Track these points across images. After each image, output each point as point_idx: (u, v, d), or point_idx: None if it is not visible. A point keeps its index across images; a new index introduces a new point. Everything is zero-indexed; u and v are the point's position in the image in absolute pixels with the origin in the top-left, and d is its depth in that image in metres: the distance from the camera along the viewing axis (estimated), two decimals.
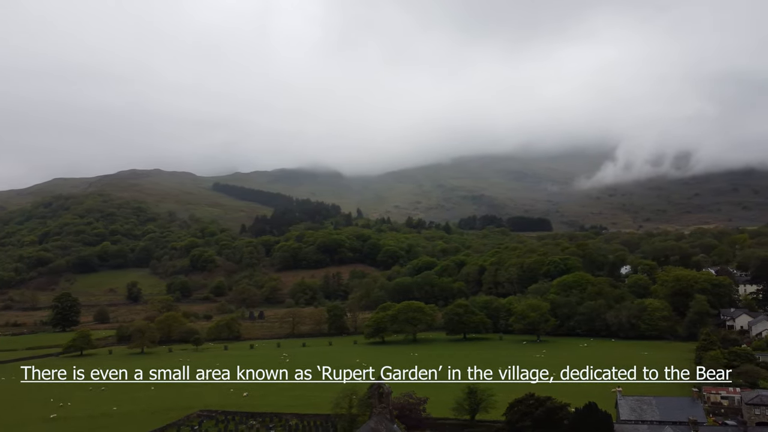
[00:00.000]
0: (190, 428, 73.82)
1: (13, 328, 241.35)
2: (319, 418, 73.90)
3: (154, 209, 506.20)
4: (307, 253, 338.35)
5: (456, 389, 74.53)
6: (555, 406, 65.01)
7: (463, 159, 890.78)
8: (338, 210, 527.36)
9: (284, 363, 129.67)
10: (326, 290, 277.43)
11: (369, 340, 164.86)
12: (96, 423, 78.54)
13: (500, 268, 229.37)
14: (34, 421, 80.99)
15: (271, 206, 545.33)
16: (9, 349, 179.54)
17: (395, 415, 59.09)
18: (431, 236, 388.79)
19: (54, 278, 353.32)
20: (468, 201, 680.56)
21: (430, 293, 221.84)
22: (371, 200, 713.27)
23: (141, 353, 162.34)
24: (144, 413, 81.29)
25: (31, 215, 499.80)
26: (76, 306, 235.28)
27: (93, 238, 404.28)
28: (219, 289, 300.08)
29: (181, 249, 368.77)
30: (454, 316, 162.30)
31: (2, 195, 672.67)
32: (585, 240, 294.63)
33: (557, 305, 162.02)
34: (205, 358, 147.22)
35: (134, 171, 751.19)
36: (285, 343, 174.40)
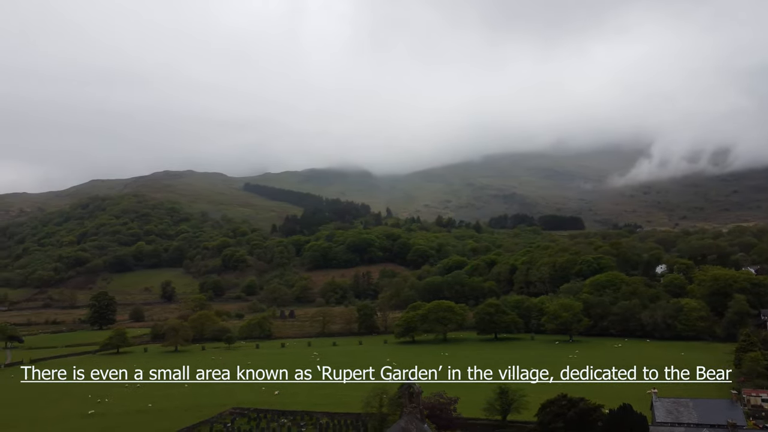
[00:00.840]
0: (222, 425, 74.72)
1: (53, 326, 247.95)
2: (349, 417, 73.99)
3: (187, 209, 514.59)
4: (337, 253, 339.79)
5: (487, 389, 73.80)
6: (588, 408, 63.85)
7: (494, 157, 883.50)
8: (368, 209, 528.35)
9: (315, 361, 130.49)
10: (356, 289, 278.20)
11: (399, 339, 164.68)
12: (132, 419, 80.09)
13: (532, 267, 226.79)
14: (73, 416, 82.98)
15: (301, 206, 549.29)
16: (49, 347, 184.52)
17: (426, 415, 58.78)
18: (461, 235, 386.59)
19: (91, 277, 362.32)
20: (498, 199, 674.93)
21: (461, 293, 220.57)
22: (401, 199, 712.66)
23: (175, 351, 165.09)
24: (178, 410, 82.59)
25: (70, 216, 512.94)
26: (112, 305, 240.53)
27: (128, 238, 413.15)
28: (250, 288, 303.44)
29: (214, 249, 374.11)
30: (485, 315, 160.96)
31: (42, 197, 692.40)
32: (619, 239, 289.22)
33: (590, 305, 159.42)
34: (237, 356, 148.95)
35: (168, 172, 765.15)
36: (316, 342, 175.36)
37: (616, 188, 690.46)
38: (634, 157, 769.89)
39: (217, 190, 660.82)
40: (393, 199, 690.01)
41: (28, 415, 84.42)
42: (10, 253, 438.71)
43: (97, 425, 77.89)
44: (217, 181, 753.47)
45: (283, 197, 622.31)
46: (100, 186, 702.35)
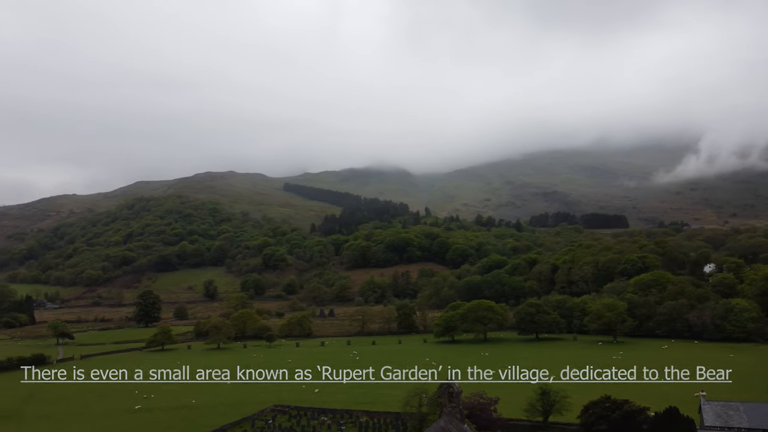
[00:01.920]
0: (264, 422, 75.62)
1: (101, 324, 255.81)
2: (389, 416, 73.89)
3: (229, 210, 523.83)
4: (376, 252, 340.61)
5: (528, 389, 72.69)
6: (633, 410, 62.12)
7: (534, 155, 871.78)
8: (406, 208, 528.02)
9: (354, 360, 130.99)
10: (395, 289, 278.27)
11: (439, 338, 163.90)
12: (177, 414, 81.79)
13: (574, 266, 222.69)
14: (120, 411, 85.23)
15: (340, 205, 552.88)
16: (98, 343, 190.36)
17: (466, 415, 58.23)
18: (501, 234, 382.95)
19: (137, 276, 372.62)
20: (539, 198, 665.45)
21: (501, 292, 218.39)
22: (439, 198, 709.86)
23: (217, 349, 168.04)
24: (222, 406, 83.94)
25: (117, 217, 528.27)
26: (157, 303, 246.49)
27: (172, 238, 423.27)
28: (290, 287, 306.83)
29: (254, 248, 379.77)
30: (526, 315, 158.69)
31: (91, 198, 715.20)
32: (664, 237, 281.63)
33: (635, 305, 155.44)
34: (278, 354, 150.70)
35: (209, 173, 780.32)
36: (355, 340, 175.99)
37: (662, 185, 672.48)
38: (680, 153, 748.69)
39: (257, 190, 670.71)
40: (432, 198, 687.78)
41: (76, 411, 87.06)
42: (62, 252, 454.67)
43: (143, 420, 79.83)
44: (257, 181, 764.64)
45: (322, 197, 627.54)
46: (145, 187, 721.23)
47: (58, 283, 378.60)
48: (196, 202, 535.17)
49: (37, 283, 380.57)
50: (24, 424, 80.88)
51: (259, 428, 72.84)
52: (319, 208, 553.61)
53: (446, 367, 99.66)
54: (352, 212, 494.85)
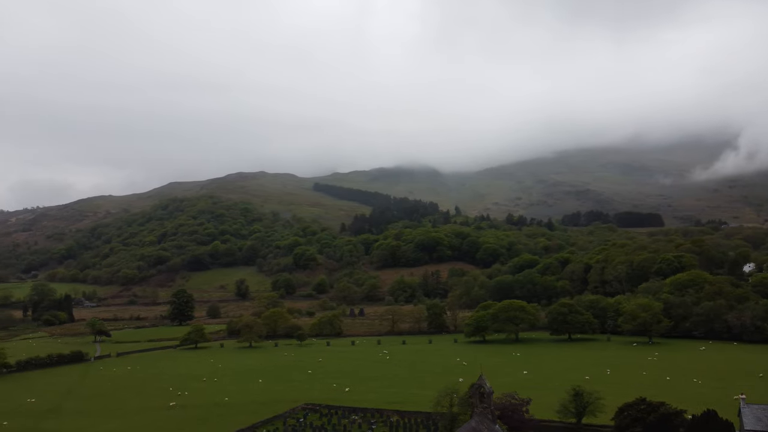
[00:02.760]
0: (295, 420, 76.06)
1: (136, 322, 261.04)
2: (419, 416, 73.59)
3: (260, 210, 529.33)
4: (406, 251, 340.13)
5: (561, 391, 71.53)
6: (669, 412, 60.52)
7: (566, 153, 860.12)
8: (436, 208, 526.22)
9: (384, 359, 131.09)
10: (425, 288, 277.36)
11: (469, 338, 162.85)
12: (211, 411, 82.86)
13: (607, 266, 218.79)
14: (155, 408, 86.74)
15: (369, 205, 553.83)
16: (133, 341, 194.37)
17: (497, 416, 57.61)
18: (533, 233, 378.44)
19: (171, 275, 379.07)
20: (571, 196, 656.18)
21: (532, 292, 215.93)
22: (469, 197, 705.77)
23: (249, 347, 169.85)
24: (254, 404, 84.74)
25: (151, 217, 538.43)
26: (191, 302, 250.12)
27: (205, 237, 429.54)
28: (321, 286, 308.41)
29: (285, 248, 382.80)
30: (558, 315, 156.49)
31: (126, 199, 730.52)
32: (701, 236, 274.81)
33: (671, 305, 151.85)
34: (309, 353, 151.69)
35: (241, 174, 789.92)
36: (385, 340, 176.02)
37: (699, 182, 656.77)
38: (718, 149, 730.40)
39: (287, 190, 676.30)
40: (461, 198, 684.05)
41: (113, 407, 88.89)
42: (98, 252, 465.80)
43: (178, 417, 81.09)
44: (287, 181, 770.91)
45: (352, 197, 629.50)
46: (178, 188, 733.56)
47: (95, 282, 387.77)
48: (227, 203, 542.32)
49: (76, 281, 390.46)
50: (63, 419, 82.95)
51: (291, 426, 73.23)
52: (349, 208, 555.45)
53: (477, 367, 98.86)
54: (381, 212, 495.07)
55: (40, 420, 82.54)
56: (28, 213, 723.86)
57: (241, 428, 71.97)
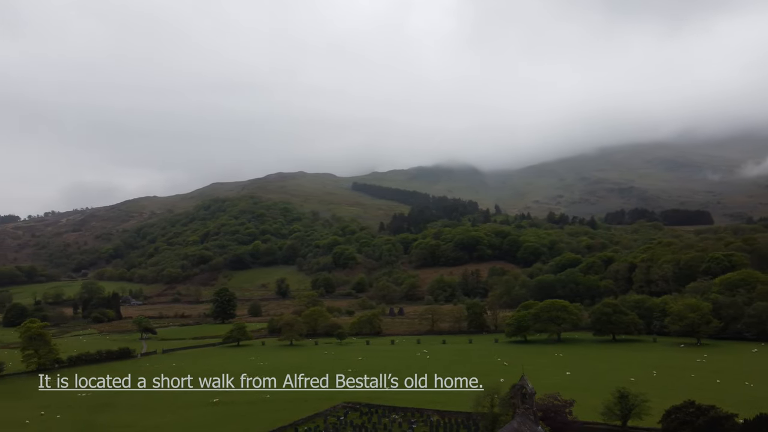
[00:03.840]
0: (336, 418, 76.40)
1: (180, 319, 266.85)
2: (460, 416, 72.95)
3: (299, 209, 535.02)
4: (445, 251, 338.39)
5: (605, 392, 69.87)
6: (719, 416, 58.32)
7: (610, 149, 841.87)
8: (475, 206, 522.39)
9: (423, 359, 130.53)
10: (465, 287, 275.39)
11: (510, 338, 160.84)
12: (254, 407, 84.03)
13: (653, 265, 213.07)
14: (199, 404, 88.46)
15: (408, 204, 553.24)
16: (178, 338, 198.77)
17: (539, 417, 56.61)
18: (575, 232, 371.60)
19: (214, 274, 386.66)
20: (615, 194, 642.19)
21: (575, 291, 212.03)
22: (510, 196, 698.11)
23: (290, 345, 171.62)
24: (295, 401, 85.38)
25: (194, 217, 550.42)
26: (232, 300, 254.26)
27: (246, 237, 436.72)
28: (360, 285, 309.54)
29: (324, 247, 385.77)
30: (602, 315, 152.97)
31: (171, 199, 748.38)
32: (753, 234, 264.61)
33: (720, 306, 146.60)
34: (349, 351, 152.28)
35: (281, 174, 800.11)
36: (425, 339, 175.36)
37: (750, 179, 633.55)
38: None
39: (326, 190, 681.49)
40: (502, 196, 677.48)
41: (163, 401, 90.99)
42: (144, 251, 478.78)
43: (221, 412, 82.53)
44: (326, 181, 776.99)
45: (391, 196, 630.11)
46: (220, 188, 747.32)
47: (141, 280, 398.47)
48: (268, 203, 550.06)
49: (123, 280, 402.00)
50: (118, 412, 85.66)
51: (331, 424, 73.58)
52: (388, 207, 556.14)
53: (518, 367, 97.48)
54: (420, 211, 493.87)
55: (92, 413, 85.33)
56: (78, 214, 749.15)
57: (283, 425, 72.71)
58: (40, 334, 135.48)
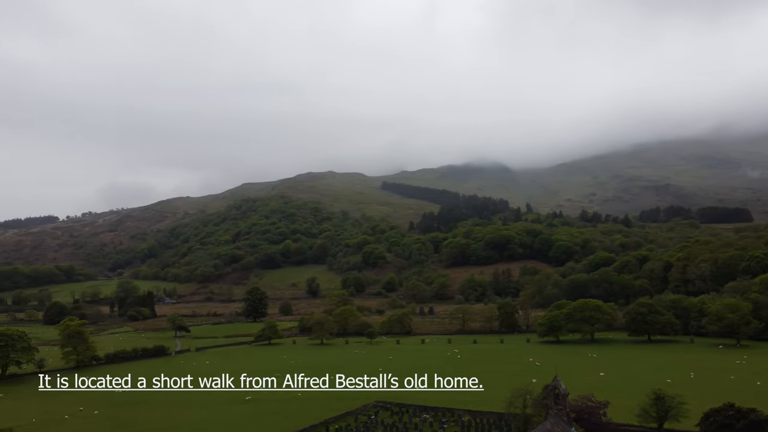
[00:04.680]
0: (366, 417, 76.48)
1: (213, 318, 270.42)
2: (491, 416, 72.31)
3: (329, 209, 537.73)
4: (476, 250, 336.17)
5: (640, 394, 68.48)
6: (761, 419, 56.57)
7: (644, 146, 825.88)
8: (506, 205, 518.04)
9: (455, 358, 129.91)
10: (496, 287, 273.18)
11: (542, 338, 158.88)
12: (286, 405, 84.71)
13: (689, 263, 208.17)
14: (232, 401, 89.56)
15: (437, 203, 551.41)
16: (211, 336, 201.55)
17: (573, 418, 55.73)
18: (608, 230, 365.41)
19: (245, 273, 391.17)
20: (649, 191, 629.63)
21: (609, 291, 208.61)
22: (541, 194, 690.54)
23: (321, 344, 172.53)
24: (326, 399, 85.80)
25: (226, 217, 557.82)
26: (264, 299, 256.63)
27: (276, 236, 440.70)
28: (390, 284, 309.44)
29: (354, 246, 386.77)
30: (637, 315, 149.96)
31: (203, 200, 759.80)
32: None
33: (761, 306, 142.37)
34: (379, 350, 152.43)
35: (310, 174, 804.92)
36: (455, 339, 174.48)
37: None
38: None
39: (356, 189, 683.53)
40: (533, 194, 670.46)
41: (197, 399, 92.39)
42: (178, 251, 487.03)
43: (254, 410, 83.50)
44: (356, 180, 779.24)
45: (420, 195, 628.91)
46: (251, 188, 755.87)
47: (175, 279, 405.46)
48: (298, 202, 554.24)
49: (157, 279, 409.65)
50: (153, 408, 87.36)
51: (362, 423, 73.67)
52: (417, 206, 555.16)
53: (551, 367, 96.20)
54: (450, 209, 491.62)
55: (129, 409, 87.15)
56: (114, 214, 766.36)
57: (314, 423, 73.11)
58: (78, 332, 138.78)
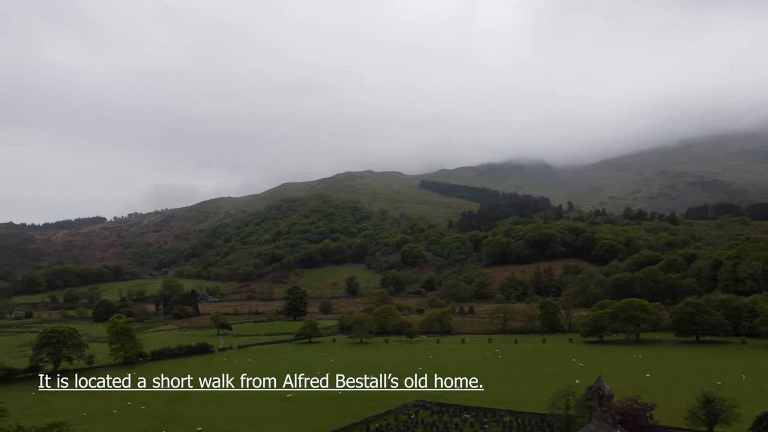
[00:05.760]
0: (407, 416, 76.25)
1: (255, 316, 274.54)
2: (534, 417, 71.18)
3: (368, 208, 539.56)
4: (516, 248, 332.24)
5: (689, 396, 66.34)
6: None
7: (691, 141, 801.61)
8: (547, 203, 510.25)
9: (495, 358, 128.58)
10: (537, 286, 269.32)
11: (585, 338, 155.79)
12: (326, 403, 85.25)
13: (740, 262, 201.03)
14: (273, 399, 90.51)
15: (477, 201, 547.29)
16: (252, 334, 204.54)
17: (618, 420, 54.37)
18: (653, 228, 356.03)
19: (285, 272, 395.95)
20: (696, 188, 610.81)
21: (654, 290, 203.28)
22: (583, 191, 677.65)
23: (360, 343, 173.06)
24: (366, 398, 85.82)
25: (266, 217, 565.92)
26: (304, 298, 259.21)
27: (316, 236, 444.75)
28: (429, 283, 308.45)
29: (393, 245, 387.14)
30: (685, 315, 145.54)
31: (244, 200, 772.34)
32: None
33: None
34: (419, 349, 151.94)
35: (349, 173, 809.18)
36: (496, 338, 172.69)
37: None
38: None
39: (394, 188, 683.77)
40: (575, 192, 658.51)
41: (236, 396, 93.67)
42: (220, 250, 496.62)
43: (295, 408, 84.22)
44: (394, 179, 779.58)
45: (459, 193, 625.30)
46: (290, 188, 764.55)
47: (217, 278, 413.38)
48: (337, 202, 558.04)
49: (200, 278, 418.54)
50: (198, 404, 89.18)
51: (402, 422, 73.47)
52: (456, 205, 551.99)
53: (595, 368, 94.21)
54: (490, 208, 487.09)
55: (174, 404, 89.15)
56: (159, 215, 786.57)
57: (355, 421, 73.28)
58: (125, 329, 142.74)
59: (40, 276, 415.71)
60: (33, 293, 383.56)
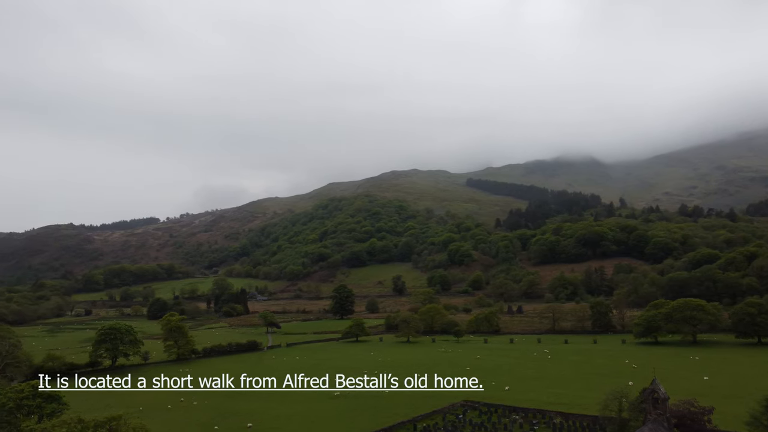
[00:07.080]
0: (455, 416, 75.73)
1: (302, 315, 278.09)
2: (585, 419, 69.48)
3: (414, 207, 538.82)
4: (566, 247, 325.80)
5: (750, 400, 63.46)
6: None
7: (751, 134, 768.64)
8: (598, 200, 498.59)
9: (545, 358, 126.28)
10: (588, 285, 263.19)
11: (639, 339, 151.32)
12: (374, 402, 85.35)
13: None
14: (320, 397, 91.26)
15: (525, 199, 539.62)
16: (300, 333, 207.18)
17: (673, 424, 52.57)
18: (711, 225, 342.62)
19: (332, 271, 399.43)
20: (758, 183, 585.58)
21: (712, 290, 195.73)
22: (635, 188, 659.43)
23: (407, 342, 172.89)
24: (413, 398, 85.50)
25: (313, 216, 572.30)
26: (351, 297, 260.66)
27: (362, 235, 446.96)
28: (477, 282, 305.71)
29: (439, 244, 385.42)
30: (745, 316, 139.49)
31: (291, 200, 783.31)
32: None
33: None
34: (466, 349, 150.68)
35: (394, 172, 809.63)
36: (545, 338, 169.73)
37: None
38: None
39: (440, 187, 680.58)
40: (627, 188, 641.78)
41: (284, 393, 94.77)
42: (268, 250, 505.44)
43: (342, 406, 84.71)
44: (440, 178, 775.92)
45: (506, 191, 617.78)
46: (336, 188, 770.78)
47: (265, 277, 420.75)
48: (382, 201, 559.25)
49: (249, 277, 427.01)
50: (249, 400, 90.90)
51: (450, 422, 72.97)
52: (504, 203, 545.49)
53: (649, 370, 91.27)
54: (538, 206, 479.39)
55: (225, 401, 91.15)
56: (209, 215, 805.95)
57: (402, 420, 73.18)
58: (178, 327, 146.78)
59: (98, 275, 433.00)
60: (92, 291, 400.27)
